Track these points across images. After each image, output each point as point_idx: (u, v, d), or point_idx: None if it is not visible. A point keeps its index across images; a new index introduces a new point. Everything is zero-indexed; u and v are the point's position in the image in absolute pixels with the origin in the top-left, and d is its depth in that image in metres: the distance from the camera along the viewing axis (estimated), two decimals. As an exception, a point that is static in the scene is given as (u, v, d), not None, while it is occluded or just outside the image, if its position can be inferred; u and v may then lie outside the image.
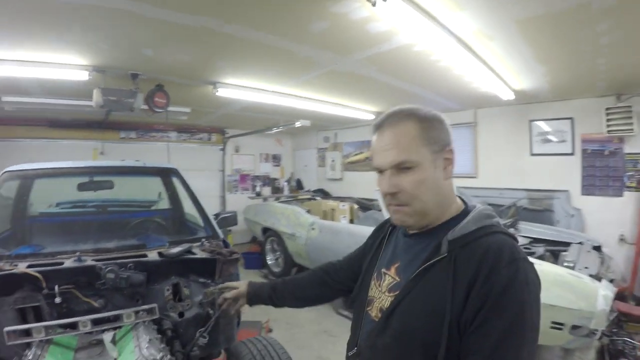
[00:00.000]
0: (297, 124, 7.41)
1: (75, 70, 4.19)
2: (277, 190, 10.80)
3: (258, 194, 10.00)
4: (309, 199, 8.23)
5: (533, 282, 1.08)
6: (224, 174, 10.27)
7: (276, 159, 11.20)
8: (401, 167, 1.19)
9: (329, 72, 4.60)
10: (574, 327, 3.24)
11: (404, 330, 1.16)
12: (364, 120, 7.89)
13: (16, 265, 2.55)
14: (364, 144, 9.03)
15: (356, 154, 9.25)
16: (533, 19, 3.08)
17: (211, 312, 2.75)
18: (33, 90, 5.18)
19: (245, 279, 2.12)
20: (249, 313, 5.37)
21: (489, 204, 4.89)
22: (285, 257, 6.92)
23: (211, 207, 4.90)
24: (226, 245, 3.29)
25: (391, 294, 1.25)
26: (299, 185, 10.77)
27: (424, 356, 1.10)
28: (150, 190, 4.77)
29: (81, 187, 3.99)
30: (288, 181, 10.98)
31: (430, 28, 3.12)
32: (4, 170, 3.52)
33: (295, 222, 6.59)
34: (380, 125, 1.26)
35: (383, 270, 1.35)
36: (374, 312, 1.31)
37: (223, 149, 10.21)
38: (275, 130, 8.26)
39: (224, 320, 2.96)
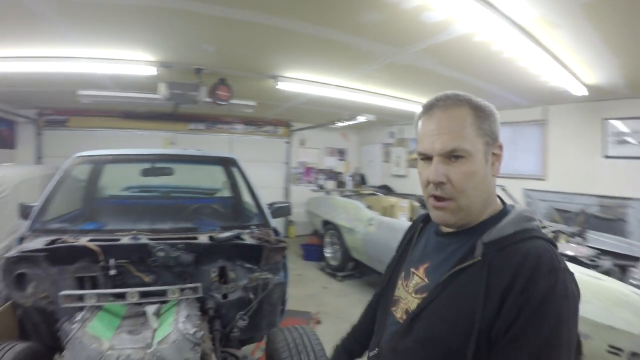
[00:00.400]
0: (361, 119, 7.38)
1: (144, 66, 4.53)
2: (341, 184, 10.86)
3: (321, 187, 10.13)
4: (370, 195, 8.19)
5: (573, 294, 0.99)
6: (289, 166, 10.50)
7: (341, 153, 11.23)
8: (452, 156, 1.08)
9: (388, 64, 4.55)
10: (634, 355, 2.94)
11: (428, 336, 1.09)
12: None
13: (78, 239, 2.78)
14: None
15: None
16: (601, 3, 2.81)
17: (252, 296, 2.85)
18: (106, 85, 5.63)
19: (302, 270, 2.09)
20: (300, 303, 5.48)
21: (557, 209, 4.56)
22: (343, 251, 6.94)
23: (275, 198, 5.02)
24: (277, 234, 3.38)
25: (418, 296, 1.18)
26: (363, 180, 10.75)
27: None
28: (217, 179, 4.97)
29: (144, 173, 4.28)
30: (352, 176, 10.99)
31: (487, 15, 2.98)
32: (76, 155, 3.86)
33: (354, 216, 6.60)
34: (429, 107, 1.14)
35: (412, 269, 1.26)
36: (398, 314, 1.24)
37: (289, 142, 10.43)
38: (340, 124, 8.28)
39: (267, 306, 3.08)
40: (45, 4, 3.13)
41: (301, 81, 5.40)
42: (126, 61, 4.41)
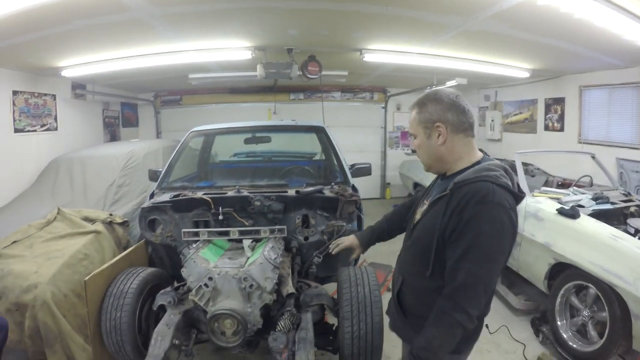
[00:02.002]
0: (451, 83, 7.48)
1: (241, 51, 5.33)
2: (436, 148, 11.00)
3: (413, 151, 10.42)
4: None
5: (499, 220, 1.50)
6: (386, 131, 10.91)
7: (437, 117, 11.27)
8: (413, 136, 1.82)
9: (463, 32, 4.70)
10: None
11: (416, 237, 1.78)
12: (521, 79, 7.57)
13: (196, 193, 3.66)
14: (523, 104, 8.54)
15: (516, 114, 8.81)
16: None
17: (325, 238, 3.47)
18: (211, 68, 6.59)
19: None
20: (384, 257, 6.03)
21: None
22: (429, 211, 7.27)
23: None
24: (354, 190, 3.94)
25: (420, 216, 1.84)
26: None
27: (424, 257, 1.66)
28: (317, 145, 5.61)
29: (247, 141, 5.23)
30: (448, 140, 11.03)
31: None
32: (191, 130, 4.86)
33: (439, 178, 6.86)
34: (411, 109, 1.83)
35: (425, 201, 1.88)
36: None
37: (385, 107, 10.81)
38: (435, 88, 8.40)
39: (343, 251, 3.67)
40: (157, 18, 4.01)
41: (385, 52, 5.74)
42: (226, 49, 5.24)
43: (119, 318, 3.05)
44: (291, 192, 3.65)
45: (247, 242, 3.30)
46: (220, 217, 3.45)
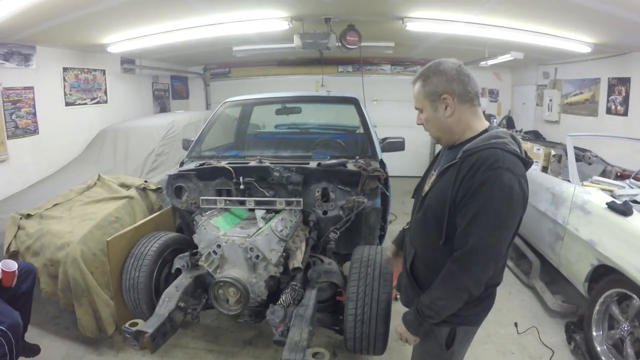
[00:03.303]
0: (505, 57, 7.04)
1: (277, 21, 5.20)
2: (489, 127, 10.48)
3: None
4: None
5: (509, 186, 1.51)
6: (437, 107, 10.46)
7: (493, 94, 10.68)
8: (419, 110, 1.82)
9: None
10: None
11: (427, 207, 1.77)
12: (583, 54, 6.88)
13: (220, 162, 3.71)
14: (585, 83, 7.73)
15: (576, 94, 8.03)
16: None
17: (341, 214, 3.41)
18: (253, 40, 6.63)
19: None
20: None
21: None
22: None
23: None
24: (382, 165, 3.77)
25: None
26: (510, 124, 10.01)
27: (436, 226, 1.69)
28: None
29: (277, 112, 5.20)
30: (502, 120, 10.49)
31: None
32: (225, 101, 4.99)
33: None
34: (413, 82, 1.82)
35: (432, 172, 1.92)
36: None
37: (437, 82, 10.34)
38: (490, 63, 7.94)
39: (365, 229, 3.68)
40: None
41: (428, 20, 5.35)
42: (262, 19, 5.16)
43: (137, 277, 3.24)
44: (312, 164, 3.57)
45: (259, 213, 3.30)
46: (242, 187, 3.48)
